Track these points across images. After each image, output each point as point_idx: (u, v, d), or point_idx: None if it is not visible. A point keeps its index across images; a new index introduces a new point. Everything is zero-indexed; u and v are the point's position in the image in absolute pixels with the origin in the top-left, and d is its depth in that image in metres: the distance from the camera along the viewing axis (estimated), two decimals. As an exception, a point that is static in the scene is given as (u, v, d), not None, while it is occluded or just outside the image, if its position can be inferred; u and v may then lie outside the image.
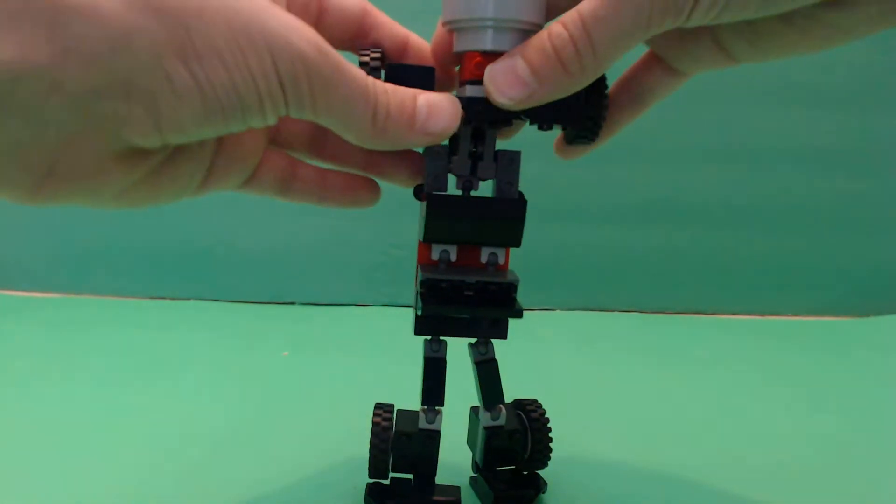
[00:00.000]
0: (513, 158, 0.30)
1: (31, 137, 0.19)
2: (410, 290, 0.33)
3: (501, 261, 0.31)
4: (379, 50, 0.28)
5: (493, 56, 0.26)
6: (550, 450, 0.34)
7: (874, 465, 0.40)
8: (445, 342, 0.32)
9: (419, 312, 0.31)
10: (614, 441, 0.42)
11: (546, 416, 0.34)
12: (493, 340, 0.33)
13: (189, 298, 0.69)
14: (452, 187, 0.30)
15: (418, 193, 0.30)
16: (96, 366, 0.51)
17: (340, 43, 0.29)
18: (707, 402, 0.49)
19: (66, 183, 0.21)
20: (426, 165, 0.30)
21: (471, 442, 0.36)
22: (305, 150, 0.31)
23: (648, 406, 0.48)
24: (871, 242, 0.71)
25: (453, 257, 0.31)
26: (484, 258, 0.31)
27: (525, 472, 0.35)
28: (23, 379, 0.48)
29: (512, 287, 0.30)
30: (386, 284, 0.69)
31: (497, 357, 0.33)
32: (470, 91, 0.27)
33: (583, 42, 0.23)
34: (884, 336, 0.65)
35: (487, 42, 0.26)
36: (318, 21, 0.28)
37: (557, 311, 0.70)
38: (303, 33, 0.22)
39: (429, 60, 0.30)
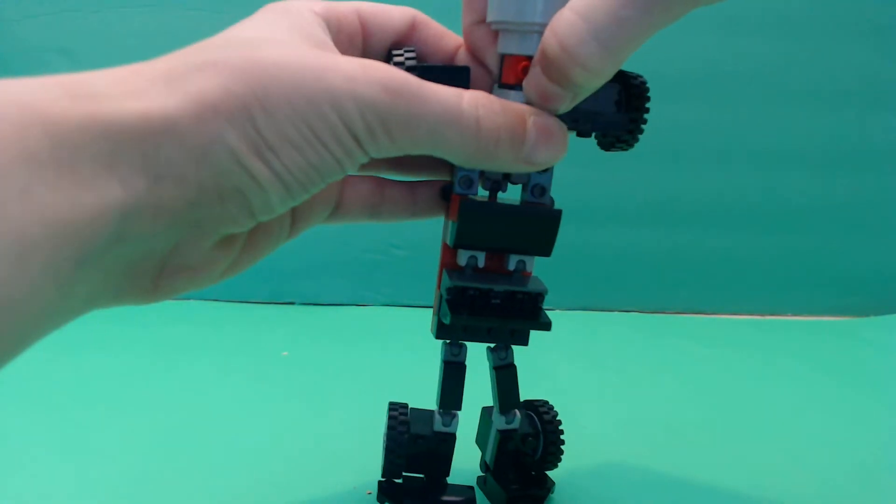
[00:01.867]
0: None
1: (142, 257, 0.21)
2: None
3: (529, 268, 0.30)
4: (413, 49, 0.27)
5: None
6: (562, 451, 0.34)
7: (875, 465, 0.40)
8: (465, 346, 0.32)
9: (446, 321, 0.29)
10: (615, 440, 0.42)
11: (558, 417, 0.34)
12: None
13: (189, 298, 0.68)
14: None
15: (446, 194, 0.30)
16: (96, 365, 0.51)
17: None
18: (707, 402, 0.49)
19: (176, 281, 0.23)
20: (456, 167, 0.29)
21: (480, 442, 0.36)
22: (368, 209, 0.30)
23: (648, 406, 0.48)
24: (871, 242, 0.71)
25: (481, 263, 0.30)
26: (512, 265, 0.30)
27: (534, 472, 0.35)
28: (23, 379, 0.48)
29: (539, 297, 0.29)
30: (386, 284, 0.69)
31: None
32: (514, 97, 0.26)
33: (588, 43, 0.22)
34: (884, 336, 0.65)
35: (534, 47, 0.25)
36: (365, 44, 0.28)
37: (557, 311, 0.70)
38: (369, 77, 0.21)
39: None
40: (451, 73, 0.27)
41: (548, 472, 0.35)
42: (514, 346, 0.32)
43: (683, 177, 0.69)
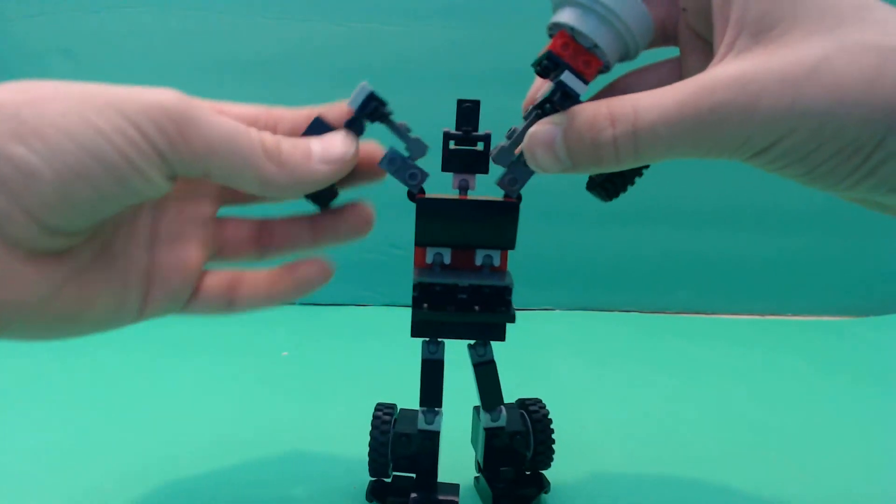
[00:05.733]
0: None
1: None
2: (410, 291, 0.33)
3: (497, 262, 0.31)
4: None
5: (579, 47, 0.25)
6: (553, 450, 0.34)
7: (875, 465, 0.40)
8: (443, 343, 0.32)
9: (413, 317, 0.31)
10: (614, 440, 0.42)
11: (549, 416, 0.34)
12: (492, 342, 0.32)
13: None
14: (448, 188, 0.30)
15: (411, 194, 0.30)
16: (96, 365, 0.51)
17: None
18: (706, 402, 0.49)
19: None
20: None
21: (473, 442, 0.36)
22: (253, 250, 0.30)
23: (648, 406, 0.48)
24: (871, 242, 0.71)
25: (447, 260, 0.30)
26: (479, 260, 0.30)
27: (528, 472, 0.35)
28: (23, 378, 0.48)
29: (506, 290, 0.30)
30: (386, 284, 0.69)
31: (497, 357, 0.32)
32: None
33: (626, 149, 0.23)
34: (884, 336, 0.65)
35: (570, 17, 0.25)
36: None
37: (557, 311, 0.70)
38: (153, 89, 0.22)
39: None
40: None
41: (544, 472, 0.35)
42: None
43: (683, 177, 0.69)
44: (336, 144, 0.26)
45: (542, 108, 0.26)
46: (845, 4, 0.21)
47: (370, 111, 0.27)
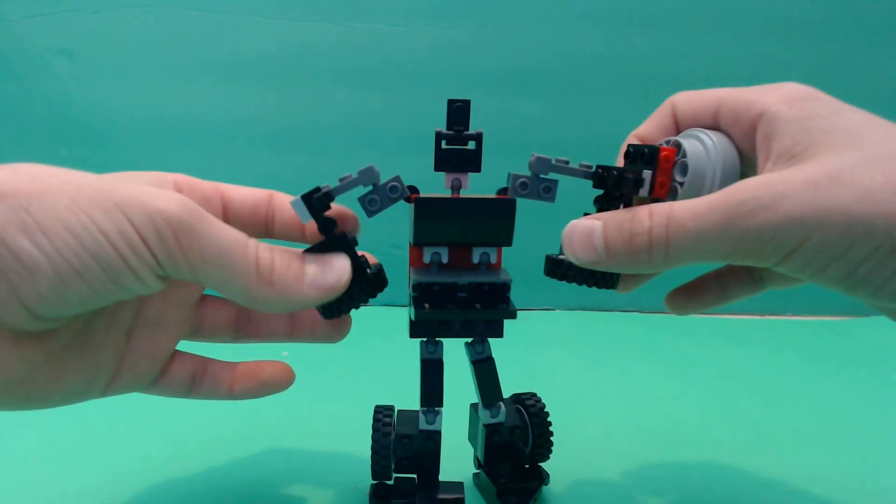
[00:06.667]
0: (551, 187, 0.30)
1: None
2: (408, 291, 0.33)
3: (494, 260, 0.31)
4: None
5: (671, 172, 0.28)
6: (552, 442, 0.34)
7: (874, 465, 0.40)
8: (441, 343, 0.32)
9: (413, 317, 0.30)
10: (615, 438, 0.42)
11: (546, 409, 0.34)
12: (491, 339, 0.32)
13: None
14: (440, 188, 0.30)
15: (406, 198, 0.30)
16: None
17: (253, 229, 0.29)
18: (706, 402, 0.49)
19: None
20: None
21: (471, 439, 0.36)
22: (229, 333, 0.31)
23: (648, 404, 0.48)
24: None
25: (445, 259, 0.30)
26: (476, 258, 0.30)
27: (527, 465, 0.35)
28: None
29: (505, 286, 0.30)
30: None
31: (497, 357, 0.32)
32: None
33: (659, 242, 0.24)
34: (884, 336, 0.65)
35: (692, 151, 0.28)
36: (225, 213, 0.29)
37: (557, 311, 0.70)
38: (161, 194, 0.22)
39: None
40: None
41: (543, 465, 0.35)
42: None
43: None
44: (335, 269, 0.26)
45: (605, 170, 0.28)
46: (872, 132, 0.24)
47: (319, 206, 0.27)
